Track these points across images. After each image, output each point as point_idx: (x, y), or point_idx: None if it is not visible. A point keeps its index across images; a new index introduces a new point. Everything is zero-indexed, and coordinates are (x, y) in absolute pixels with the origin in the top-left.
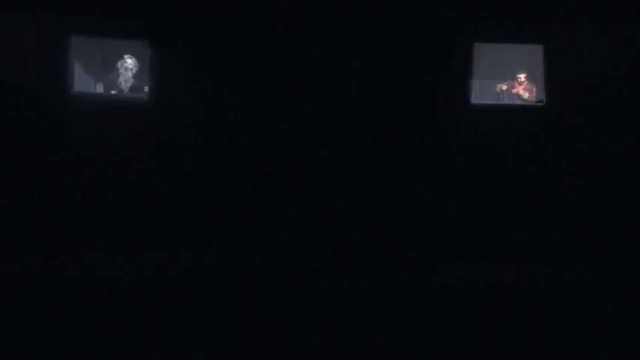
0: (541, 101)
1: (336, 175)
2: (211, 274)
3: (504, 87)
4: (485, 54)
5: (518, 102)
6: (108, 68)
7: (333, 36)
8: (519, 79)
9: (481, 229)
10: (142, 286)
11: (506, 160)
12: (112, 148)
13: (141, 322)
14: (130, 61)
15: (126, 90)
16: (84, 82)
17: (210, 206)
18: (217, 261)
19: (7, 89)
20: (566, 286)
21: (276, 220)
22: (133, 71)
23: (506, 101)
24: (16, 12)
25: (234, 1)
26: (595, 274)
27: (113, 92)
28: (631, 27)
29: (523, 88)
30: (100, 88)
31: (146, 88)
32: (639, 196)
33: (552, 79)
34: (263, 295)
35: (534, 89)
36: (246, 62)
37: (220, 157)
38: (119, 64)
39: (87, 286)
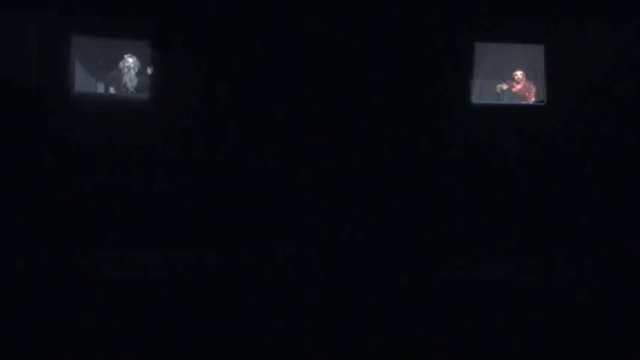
0: (541, 101)
1: (336, 175)
2: (211, 274)
3: (505, 87)
4: (485, 54)
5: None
6: (108, 68)
7: (334, 37)
8: (516, 77)
9: (481, 228)
10: (141, 286)
11: (505, 159)
12: (112, 148)
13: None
14: (131, 60)
15: (131, 89)
16: (84, 81)
17: (211, 206)
18: (217, 261)
19: (8, 89)
20: (565, 285)
21: (276, 220)
22: (136, 70)
23: (506, 101)
24: (17, 12)
25: (234, 1)
26: (595, 273)
27: (112, 91)
28: (631, 27)
29: (521, 87)
30: (100, 88)
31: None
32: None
33: (552, 78)
34: (262, 295)
35: (533, 88)
36: (247, 62)
37: (220, 157)
38: (121, 63)
39: (88, 285)
